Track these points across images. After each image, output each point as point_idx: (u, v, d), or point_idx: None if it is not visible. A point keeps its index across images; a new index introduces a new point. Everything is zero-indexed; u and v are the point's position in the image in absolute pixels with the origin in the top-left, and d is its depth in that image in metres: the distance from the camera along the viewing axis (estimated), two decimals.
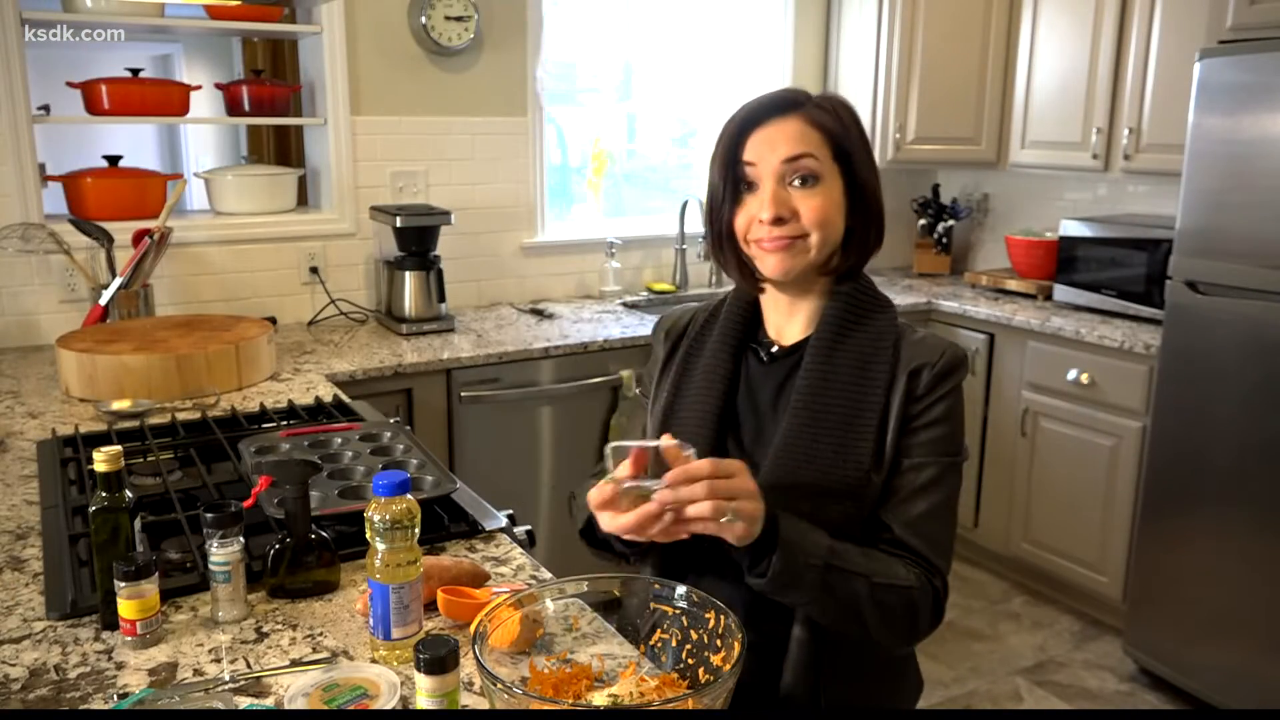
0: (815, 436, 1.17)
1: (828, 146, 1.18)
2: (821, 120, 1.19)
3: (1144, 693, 2.79)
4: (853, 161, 1.19)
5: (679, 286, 3.60)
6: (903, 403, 1.18)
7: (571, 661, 1.07)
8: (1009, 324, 3.21)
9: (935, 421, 1.19)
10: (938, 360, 1.19)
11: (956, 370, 1.20)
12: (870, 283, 1.28)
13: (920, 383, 1.18)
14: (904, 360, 1.20)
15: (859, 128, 1.22)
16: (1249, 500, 2.48)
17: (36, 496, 1.58)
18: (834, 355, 1.21)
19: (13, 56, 2.51)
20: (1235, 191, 2.46)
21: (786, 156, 1.17)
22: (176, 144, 5.73)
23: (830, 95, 1.24)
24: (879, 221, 1.24)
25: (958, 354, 1.21)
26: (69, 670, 1.08)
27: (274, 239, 2.94)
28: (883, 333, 1.23)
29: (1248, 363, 2.45)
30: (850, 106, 1.23)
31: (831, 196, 1.18)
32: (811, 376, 1.20)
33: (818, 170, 1.17)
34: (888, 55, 3.60)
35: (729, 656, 0.97)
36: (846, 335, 1.22)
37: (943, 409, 1.19)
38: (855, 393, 1.19)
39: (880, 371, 1.19)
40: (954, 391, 1.20)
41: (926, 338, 1.23)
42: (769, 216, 1.17)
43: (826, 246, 1.20)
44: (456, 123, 3.15)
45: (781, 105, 1.20)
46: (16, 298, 2.63)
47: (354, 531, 1.39)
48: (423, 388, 2.58)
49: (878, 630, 1.13)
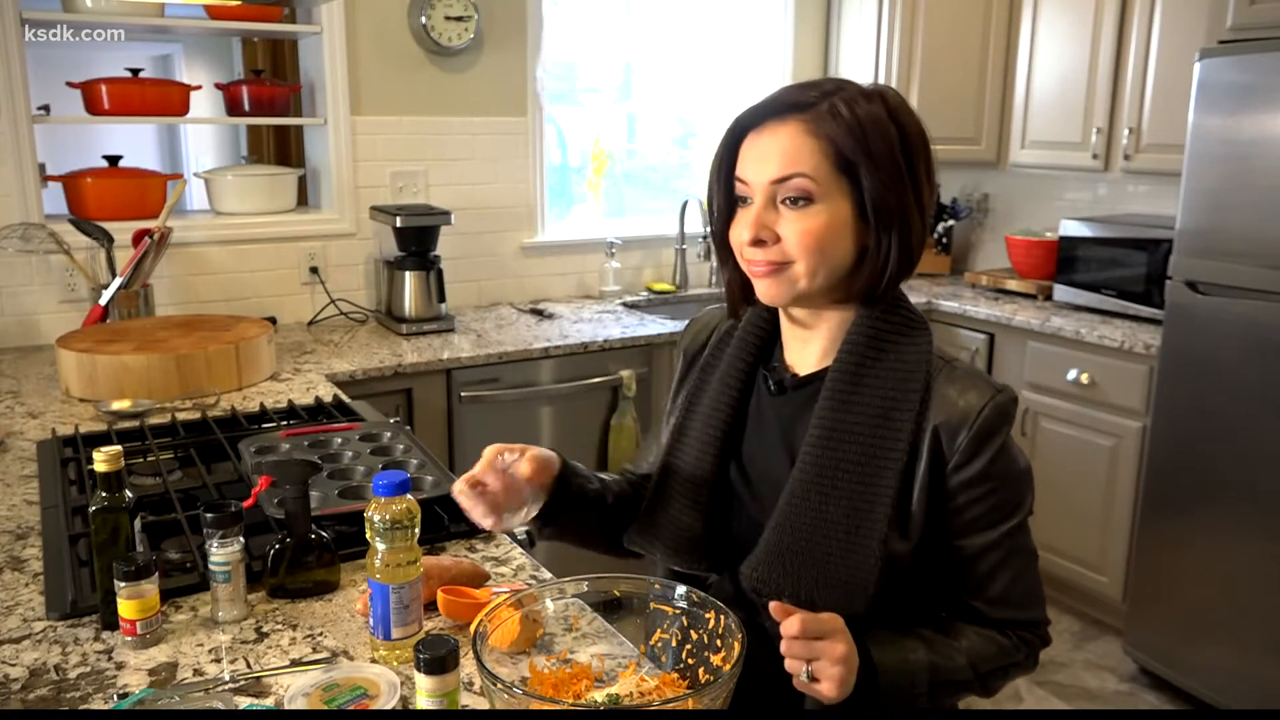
0: (825, 498, 1.06)
1: (829, 159, 1.02)
2: (824, 128, 1.02)
3: (1144, 693, 2.79)
4: (860, 173, 1.02)
5: (679, 286, 3.59)
6: (932, 465, 1.05)
7: (571, 661, 1.07)
8: (1009, 324, 3.21)
9: (987, 494, 1.06)
10: (975, 418, 1.04)
11: (1000, 428, 1.06)
12: (903, 304, 1.12)
13: (957, 448, 1.04)
14: (933, 411, 1.06)
15: (885, 128, 1.03)
16: (1249, 500, 2.48)
17: (36, 496, 1.58)
18: (852, 398, 1.07)
19: (13, 56, 2.51)
20: (1235, 191, 2.46)
21: (774, 177, 1.04)
22: (176, 144, 5.73)
23: (863, 88, 1.06)
24: (905, 239, 1.05)
25: (1001, 405, 1.05)
26: (69, 670, 1.08)
27: (274, 239, 2.94)
28: (911, 370, 1.07)
29: (1248, 363, 2.45)
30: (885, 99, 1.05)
31: (830, 218, 1.03)
32: (824, 426, 1.07)
33: (810, 190, 1.03)
34: (888, 55, 3.60)
35: (729, 656, 0.97)
36: (867, 372, 1.07)
37: (995, 476, 1.06)
38: (873, 446, 1.05)
39: (903, 420, 1.05)
40: (1003, 449, 1.06)
41: (964, 383, 1.07)
42: (746, 239, 1.06)
43: (821, 274, 1.05)
44: (456, 123, 3.15)
45: (781, 108, 1.05)
46: (16, 298, 2.63)
47: (354, 531, 1.39)
48: (423, 388, 2.58)
49: (988, 696, 1.12)
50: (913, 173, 1.05)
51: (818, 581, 1.05)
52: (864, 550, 1.04)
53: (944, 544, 1.09)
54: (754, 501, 1.15)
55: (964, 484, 1.05)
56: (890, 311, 1.10)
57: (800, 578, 1.06)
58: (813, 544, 1.06)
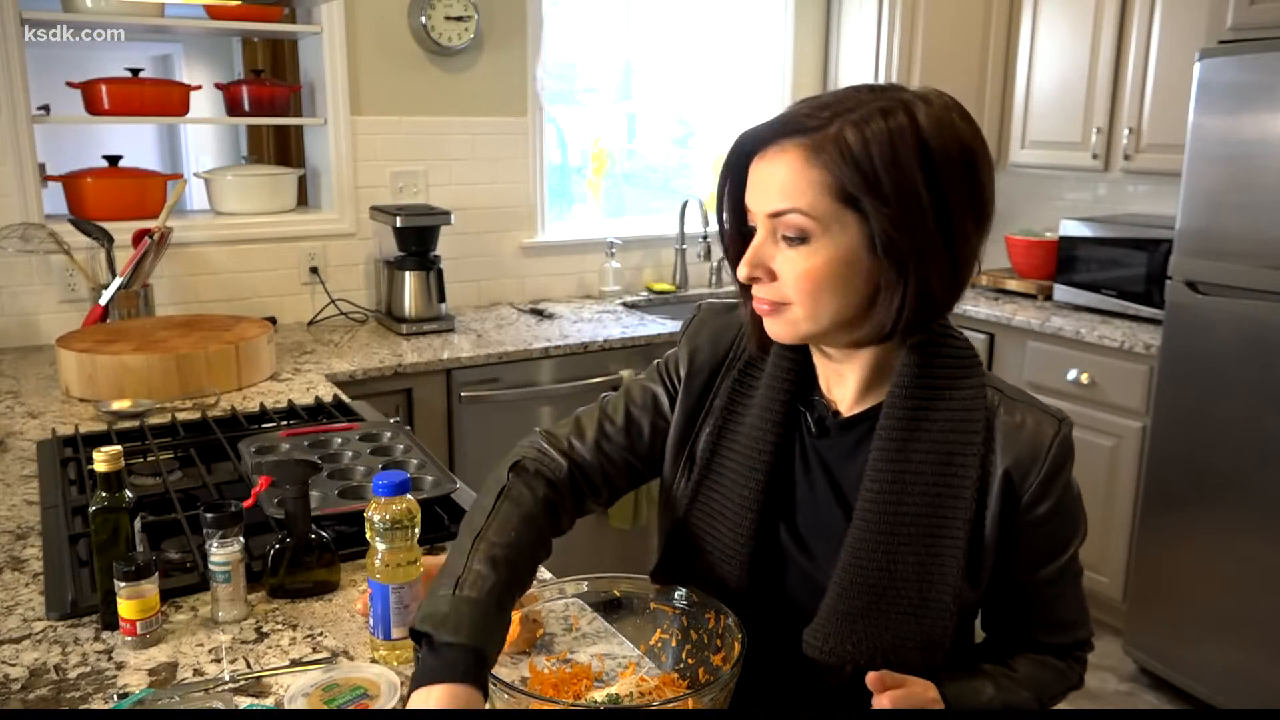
0: (892, 555, 0.97)
1: (830, 193, 0.91)
2: (824, 157, 0.91)
3: (1144, 693, 2.79)
4: (865, 206, 0.90)
5: (679, 286, 3.59)
6: (1001, 510, 0.98)
7: (571, 661, 1.07)
8: (1009, 324, 3.21)
9: (1055, 529, 1.02)
10: (1044, 457, 0.98)
11: (1067, 462, 1.00)
12: (949, 333, 1.01)
13: (1028, 488, 0.98)
14: (1000, 453, 0.98)
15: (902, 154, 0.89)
16: (1249, 500, 2.48)
17: (36, 496, 1.58)
18: (909, 445, 0.97)
19: (13, 56, 2.51)
20: (1235, 191, 2.46)
21: (770, 210, 0.94)
22: (176, 144, 5.74)
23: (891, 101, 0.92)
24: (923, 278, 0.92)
25: (1066, 439, 0.99)
26: (69, 670, 1.08)
27: (274, 239, 2.94)
28: (969, 409, 0.98)
29: (1248, 363, 2.45)
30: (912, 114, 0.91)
31: (830, 257, 0.92)
32: (882, 477, 0.97)
33: (805, 229, 0.92)
34: (888, 55, 3.60)
35: (729, 656, 0.97)
36: (923, 415, 0.98)
37: (1063, 513, 1.01)
38: (939, 495, 0.97)
39: (968, 465, 0.97)
40: (1070, 483, 1.01)
41: (1026, 418, 0.99)
42: (742, 275, 0.97)
43: (825, 316, 0.95)
44: (456, 123, 3.15)
45: (784, 131, 0.94)
46: (16, 298, 2.63)
47: (354, 531, 1.39)
48: (423, 388, 2.58)
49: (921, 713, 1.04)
50: (940, 204, 0.91)
51: (891, 645, 0.98)
52: (937, 606, 0.97)
53: (1009, 579, 1.04)
54: (805, 555, 1.06)
55: (1034, 522, 1.00)
56: (940, 344, 0.99)
57: (871, 642, 0.98)
58: (881, 605, 0.97)
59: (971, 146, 0.94)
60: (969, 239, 0.95)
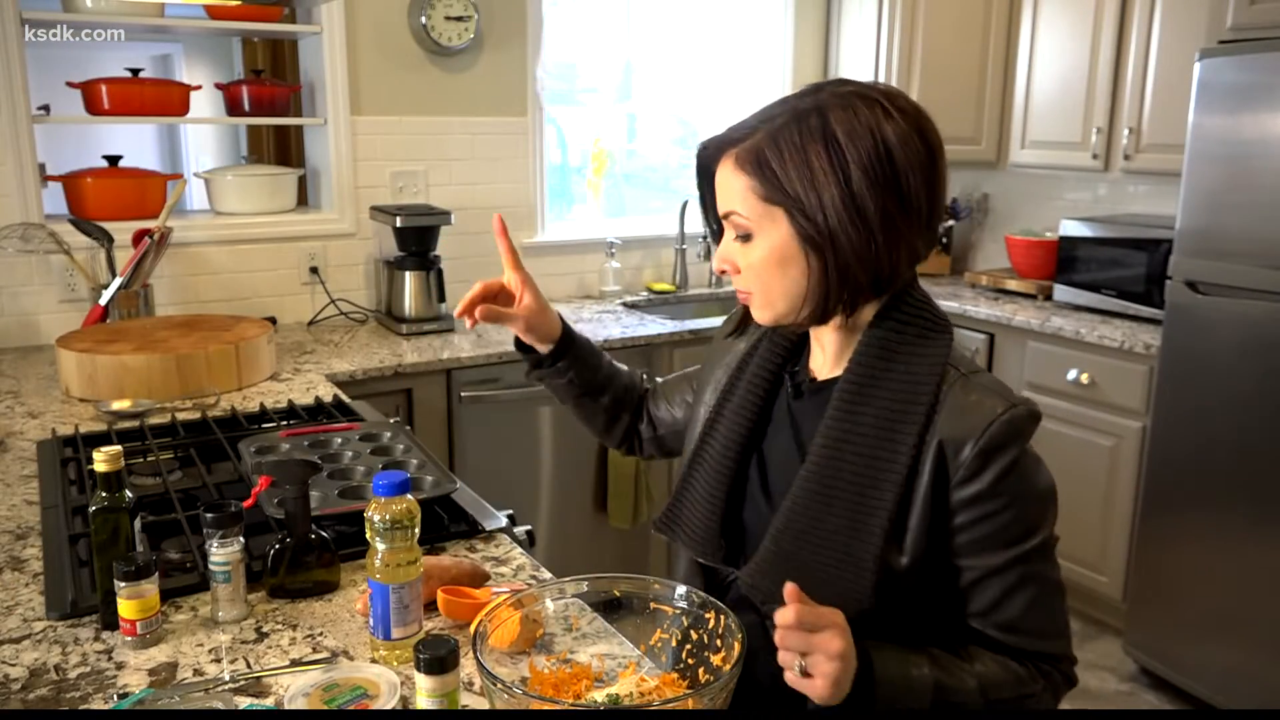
0: (824, 508, 1.05)
1: (755, 194, 1.03)
2: (747, 166, 1.03)
3: (1144, 693, 2.79)
4: (784, 205, 1.01)
5: (679, 286, 3.59)
6: (934, 481, 1.01)
7: (571, 661, 1.07)
8: (1009, 324, 3.21)
9: (995, 513, 1.01)
10: (982, 433, 1.00)
11: (1010, 443, 1.01)
12: (921, 306, 1.08)
13: (961, 463, 1.00)
14: (940, 423, 1.02)
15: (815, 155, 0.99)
16: (1249, 500, 2.48)
17: (36, 496, 1.58)
18: (858, 408, 1.05)
19: (13, 56, 2.51)
20: (1235, 191, 2.46)
21: (722, 213, 1.08)
22: (176, 144, 5.74)
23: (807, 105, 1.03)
24: (845, 262, 1.01)
25: (1015, 419, 1.01)
26: (69, 670, 1.08)
27: (274, 239, 2.94)
28: (922, 378, 1.04)
29: (1248, 363, 2.45)
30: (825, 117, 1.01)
31: (768, 250, 1.04)
32: (830, 435, 1.06)
33: (747, 227, 1.05)
34: (888, 55, 3.60)
35: (729, 656, 0.97)
36: (876, 381, 1.05)
37: (1004, 496, 1.01)
38: (875, 458, 1.03)
39: (907, 433, 1.02)
40: (1013, 468, 1.01)
41: (976, 394, 1.03)
42: (715, 269, 1.14)
43: (780, 301, 1.06)
44: (456, 123, 3.15)
45: (723, 142, 1.07)
46: (16, 298, 2.63)
47: (354, 531, 1.39)
48: (423, 388, 2.58)
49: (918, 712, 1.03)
50: (853, 195, 0.99)
51: (812, 592, 1.01)
52: (860, 562, 1.02)
53: (949, 563, 1.05)
54: (766, 499, 1.16)
55: (966, 501, 1.01)
56: (909, 318, 1.07)
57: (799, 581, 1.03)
58: (809, 554, 1.05)
59: (885, 135, 1.00)
60: (893, 219, 1.01)
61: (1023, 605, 1.04)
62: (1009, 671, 1.04)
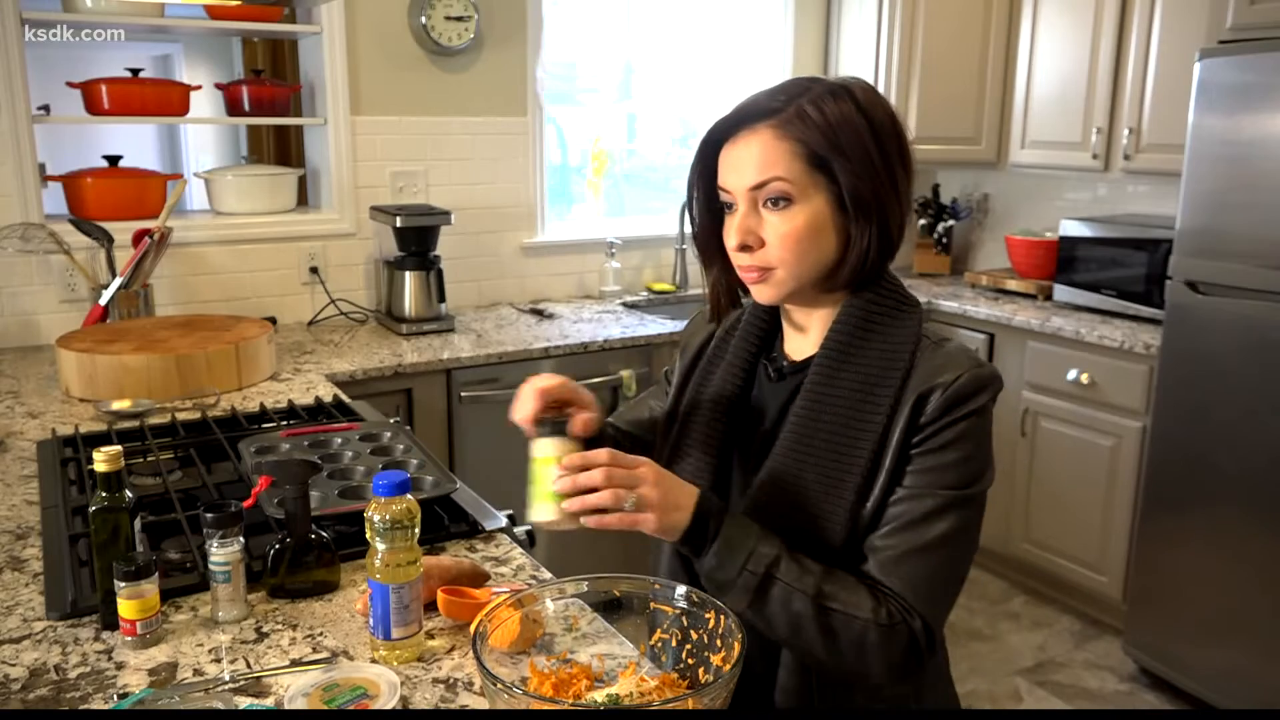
0: (801, 466, 1.09)
1: (802, 159, 1.06)
2: (794, 130, 1.06)
3: (1144, 693, 2.79)
4: (834, 168, 1.06)
5: (679, 286, 3.60)
6: (905, 430, 1.06)
7: (571, 661, 1.07)
8: (1009, 324, 3.21)
9: (939, 449, 1.05)
10: (953, 381, 1.05)
11: (975, 394, 1.06)
12: (894, 285, 1.15)
13: (928, 407, 1.05)
14: (915, 380, 1.07)
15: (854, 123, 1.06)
16: (1249, 500, 2.48)
17: (36, 496, 1.58)
18: (837, 375, 1.10)
19: (13, 56, 2.51)
20: (1235, 191, 2.46)
21: (752, 183, 1.08)
22: (176, 144, 5.73)
23: (831, 85, 1.09)
24: (884, 225, 1.09)
25: (981, 375, 1.06)
26: (69, 670, 1.08)
27: (274, 239, 2.94)
28: (897, 347, 1.10)
29: (1248, 363, 2.45)
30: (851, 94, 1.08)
31: (810, 216, 1.07)
32: (808, 399, 1.11)
33: (788, 192, 1.06)
34: (888, 55, 3.60)
35: (729, 656, 0.97)
36: (855, 351, 1.10)
37: (951, 435, 1.05)
38: (852, 418, 1.08)
39: (885, 394, 1.07)
40: (971, 417, 1.05)
41: (949, 353, 1.09)
42: (733, 244, 1.11)
43: (807, 271, 1.09)
44: (456, 123, 3.15)
45: (751, 116, 1.09)
46: (16, 298, 2.63)
47: (354, 531, 1.39)
48: (423, 388, 2.58)
49: (826, 657, 1.04)
50: (886, 161, 1.08)
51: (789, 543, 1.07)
52: (833, 516, 1.07)
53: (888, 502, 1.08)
54: (745, 479, 1.17)
55: (922, 439, 1.06)
56: (881, 295, 1.13)
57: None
58: (786, 509, 1.09)
59: (895, 119, 1.11)
60: (903, 194, 1.12)
61: (913, 543, 1.05)
62: (861, 597, 1.03)
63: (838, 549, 1.07)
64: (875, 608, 1.03)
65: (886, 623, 1.03)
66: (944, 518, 1.05)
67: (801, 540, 1.07)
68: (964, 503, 1.06)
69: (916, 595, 1.05)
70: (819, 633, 1.03)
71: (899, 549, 1.05)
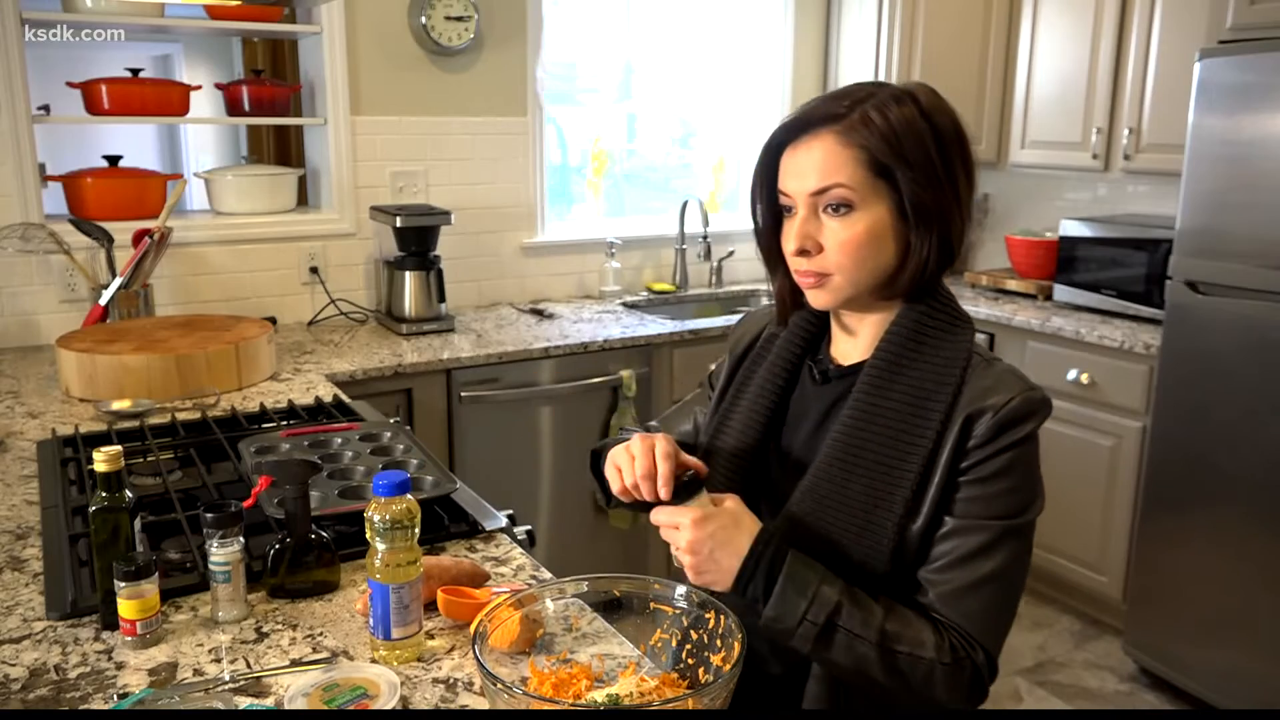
0: (848, 476, 1.08)
1: (865, 166, 1.05)
2: (857, 137, 1.05)
3: (1144, 693, 2.79)
4: (897, 176, 1.05)
5: (679, 286, 3.60)
6: (954, 450, 1.05)
7: (571, 661, 1.07)
8: (1009, 324, 3.21)
9: (989, 477, 1.04)
10: (1003, 405, 1.04)
11: (1025, 419, 1.05)
12: (948, 299, 1.14)
13: (977, 430, 1.04)
14: (965, 399, 1.06)
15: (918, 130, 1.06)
16: (1249, 500, 2.48)
17: (36, 496, 1.58)
18: (888, 386, 1.09)
19: (13, 56, 2.51)
20: (1235, 191, 2.46)
21: (813, 189, 1.07)
22: (176, 144, 5.73)
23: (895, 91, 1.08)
24: (945, 235, 1.08)
25: (1032, 399, 1.06)
26: (69, 670, 1.08)
27: (274, 239, 2.94)
28: (949, 362, 1.09)
29: (1248, 363, 2.45)
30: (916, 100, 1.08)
31: (870, 223, 1.06)
32: (857, 408, 1.10)
33: (849, 198, 1.06)
34: (888, 56, 3.60)
35: (729, 656, 0.97)
36: (907, 363, 1.10)
37: (1000, 464, 1.04)
38: (902, 431, 1.06)
39: (936, 409, 1.06)
40: (1021, 444, 1.05)
41: (998, 375, 1.08)
42: (791, 249, 1.10)
43: (865, 277, 1.09)
44: (456, 123, 3.15)
45: (814, 122, 1.07)
46: (16, 298, 2.63)
47: (354, 531, 1.39)
48: (423, 388, 2.58)
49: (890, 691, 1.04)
50: (949, 170, 1.07)
51: (829, 556, 1.06)
52: (878, 529, 1.05)
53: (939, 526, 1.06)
54: (785, 482, 1.16)
55: (971, 465, 1.05)
56: (935, 308, 1.12)
57: (812, 548, 1.07)
58: (829, 518, 1.08)
59: (959, 126, 1.11)
60: (965, 203, 1.11)
61: (972, 578, 1.04)
62: (924, 634, 1.03)
63: (884, 563, 1.05)
64: (939, 643, 1.03)
65: (950, 661, 1.02)
66: (998, 550, 1.04)
67: (846, 553, 1.06)
68: (1016, 532, 1.05)
69: (976, 629, 1.04)
70: (884, 674, 1.02)
71: (955, 584, 1.04)
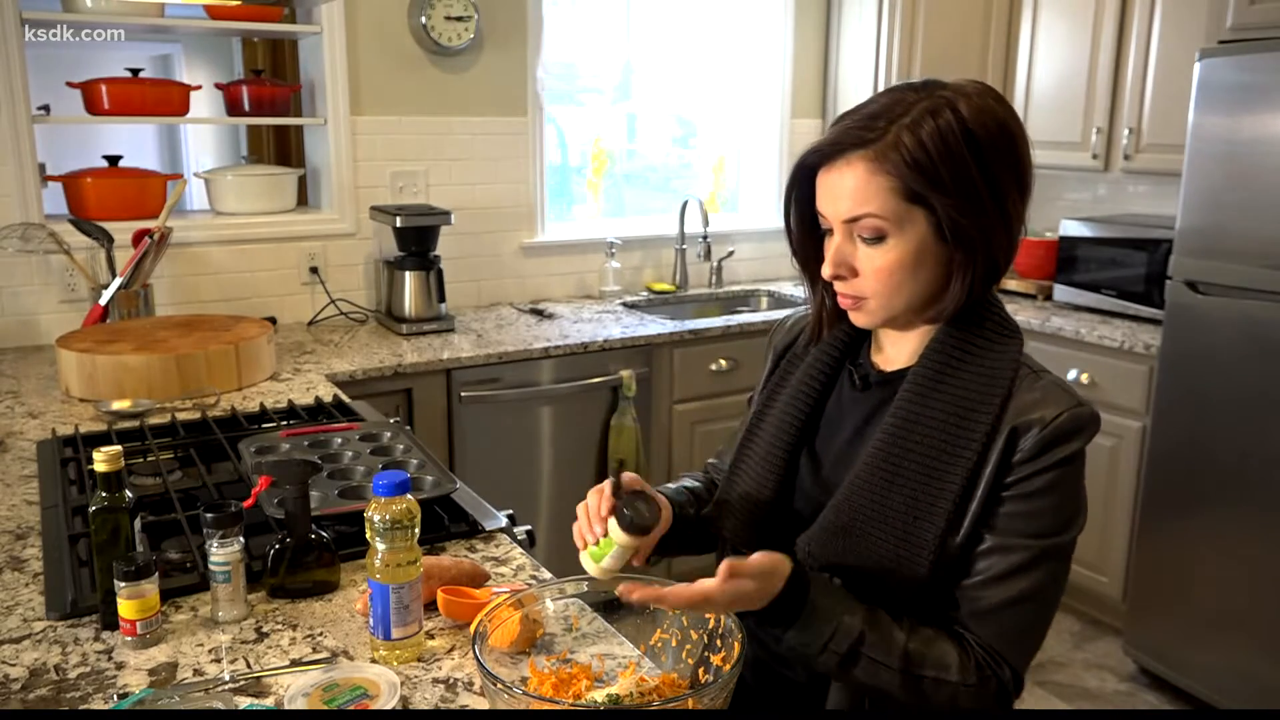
0: (889, 485, 1.05)
1: (897, 194, 1.00)
2: (888, 164, 1.00)
3: (1144, 693, 2.79)
4: (932, 201, 1.00)
5: (679, 286, 3.59)
6: (999, 464, 1.02)
7: (571, 661, 1.07)
8: None
9: (1033, 494, 1.01)
10: (1050, 421, 1.01)
11: (1073, 437, 1.01)
12: (997, 308, 1.11)
13: (1023, 445, 1.01)
14: (1011, 412, 1.03)
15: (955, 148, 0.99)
16: (1249, 500, 2.48)
17: (36, 496, 1.58)
18: (932, 395, 1.06)
19: (13, 56, 2.51)
20: (1235, 191, 2.46)
21: (845, 216, 1.04)
22: (176, 144, 5.73)
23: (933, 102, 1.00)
24: (988, 254, 1.04)
25: (1080, 415, 1.02)
26: (69, 670, 1.08)
27: (274, 239, 2.94)
28: (996, 372, 1.05)
29: (1248, 363, 2.45)
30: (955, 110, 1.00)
31: (906, 250, 1.03)
32: (900, 416, 1.07)
33: (881, 229, 1.02)
34: (888, 56, 3.60)
35: (729, 656, 0.97)
36: (952, 371, 1.06)
37: (1044, 481, 1.01)
38: (946, 441, 1.04)
39: (981, 421, 1.03)
40: (1068, 462, 1.01)
41: (1046, 388, 1.04)
42: (827, 274, 1.07)
43: (900, 304, 1.06)
44: (456, 123, 3.15)
45: (845, 146, 1.02)
46: (16, 298, 2.63)
47: (354, 531, 1.39)
48: (423, 388, 2.58)
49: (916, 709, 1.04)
50: (993, 187, 1.01)
51: (869, 565, 1.05)
52: (919, 540, 1.03)
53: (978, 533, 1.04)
54: (820, 486, 1.15)
55: (1016, 481, 1.02)
56: (982, 316, 1.09)
57: (851, 558, 1.06)
58: (869, 527, 1.05)
59: (1010, 126, 1.03)
60: (1018, 209, 1.05)
61: (1006, 596, 1.02)
62: (948, 656, 1.02)
63: (924, 574, 1.03)
64: (963, 664, 1.02)
65: (975, 681, 1.02)
66: (1036, 569, 1.02)
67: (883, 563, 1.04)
68: (1055, 552, 1.03)
69: (1006, 646, 1.04)
70: (908, 696, 1.02)
71: (990, 601, 1.03)
